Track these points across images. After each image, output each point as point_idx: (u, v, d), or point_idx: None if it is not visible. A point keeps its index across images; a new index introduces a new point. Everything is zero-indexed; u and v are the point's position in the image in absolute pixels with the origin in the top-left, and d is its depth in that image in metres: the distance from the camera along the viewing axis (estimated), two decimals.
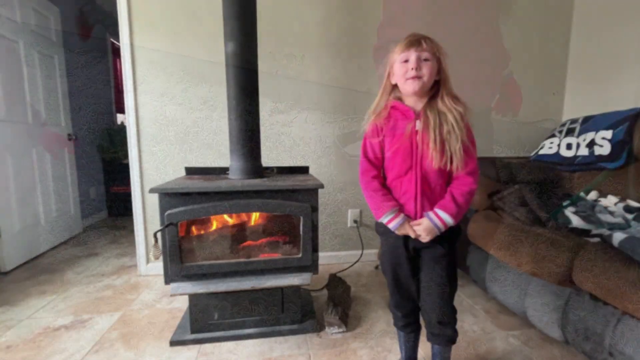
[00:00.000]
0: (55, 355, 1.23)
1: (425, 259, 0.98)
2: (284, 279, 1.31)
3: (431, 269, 0.97)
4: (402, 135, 0.92)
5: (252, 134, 1.43)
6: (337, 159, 2.07)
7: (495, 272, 1.52)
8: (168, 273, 1.24)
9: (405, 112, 0.94)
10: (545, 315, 1.24)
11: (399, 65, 0.91)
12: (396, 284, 1.03)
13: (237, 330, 1.35)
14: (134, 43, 1.80)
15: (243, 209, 1.29)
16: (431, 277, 0.98)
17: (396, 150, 0.93)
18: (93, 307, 1.59)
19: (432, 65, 0.88)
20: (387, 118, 0.95)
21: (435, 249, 0.95)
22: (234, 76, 1.37)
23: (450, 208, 0.90)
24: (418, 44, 0.88)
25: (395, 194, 0.96)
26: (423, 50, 0.88)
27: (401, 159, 0.93)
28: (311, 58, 1.96)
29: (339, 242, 2.14)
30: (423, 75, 0.88)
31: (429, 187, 0.93)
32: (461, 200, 0.90)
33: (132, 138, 1.86)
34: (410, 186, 0.93)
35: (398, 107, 0.95)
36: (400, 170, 0.93)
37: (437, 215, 0.90)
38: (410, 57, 0.88)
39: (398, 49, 0.91)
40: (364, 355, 1.25)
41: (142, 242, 1.93)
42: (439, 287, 0.97)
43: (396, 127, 0.94)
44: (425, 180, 0.92)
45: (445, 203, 0.91)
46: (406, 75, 0.89)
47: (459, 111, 0.89)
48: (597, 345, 1.05)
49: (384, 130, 0.95)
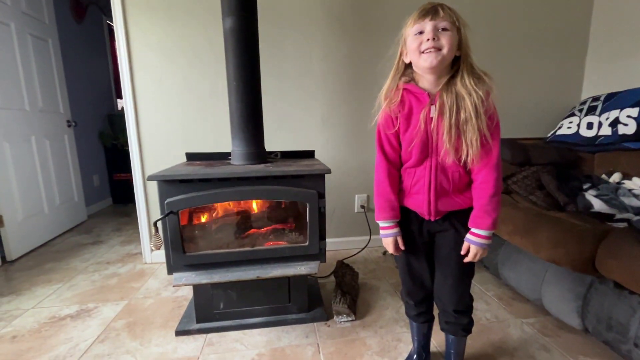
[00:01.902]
0: (61, 346, 1.22)
1: (441, 244, 0.93)
2: (290, 268, 1.26)
3: (447, 254, 0.92)
4: (417, 123, 0.82)
5: (255, 117, 1.35)
6: (344, 143, 1.99)
7: (509, 258, 1.46)
8: (170, 263, 1.20)
9: (419, 96, 0.83)
10: (564, 303, 1.19)
11: (413, 38, 0.79)
12: (409, 270, 0.98)
13: (243, 320, 1.32)
14: (128, 23, 1.71)
15: (246, 196, 1.23)
16: (448, 263, 0.92)
17: (411, 141, 0.84)
18: (99, 295, 1.57)
19: (452, 36, 0.75)
20: (401, 104, 0.85)
21: (452, 233, 0.89)
22: (233, 55, 1.28)
23: (485, 222, 0.82)
24: (435, 13, 0.76)
25: (406, 182, 0.90)
26: (440, 20, 0.75)
27: (418, 150, 0.84)
28: (315, 35, 1.84)
29: (345, 228, 2.09)
30: (442, 47, 0.75)
31: (445, 177, 0.85)
32: (491, 206, 0.81)
33: (131, 124, 1.79)
34: (423, 176, 0.86)
35: (411, 89, 0.84)
36: (417, 160, 0.86)
37: (477, 235, 0.83)
38: (425, 27, 0.76)
39: (411, 21, 0.80)
40: (374, 344, 1.22)
41: (145, 230, 1.91)
42: (456, 274, 0.92)
43: (411, 115, 0.84)
44: (442, 170, 0.84)
45: (476, 218, 0.83)
46: (421, 48, 0.77)
47: (479, 95, 0.77)
48: (621, 335, 1.00)
49: (399, 119, 0.85)
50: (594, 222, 1.21)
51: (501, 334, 1.27)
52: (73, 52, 2.84)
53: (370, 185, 2.04)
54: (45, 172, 2.30)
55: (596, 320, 1.08)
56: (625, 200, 1.30)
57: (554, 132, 1.91)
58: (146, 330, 1.30)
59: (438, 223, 0.90)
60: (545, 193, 1.49)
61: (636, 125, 1.51)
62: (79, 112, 2.85)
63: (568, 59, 2.11)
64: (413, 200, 0.89)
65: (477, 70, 0.80)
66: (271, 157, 1.53)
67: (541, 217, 1.31)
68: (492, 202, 0.82)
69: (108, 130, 3.33)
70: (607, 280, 1.06)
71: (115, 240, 2.32)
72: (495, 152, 0.81)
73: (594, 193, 1.40)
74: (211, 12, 1.72)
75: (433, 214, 0.88)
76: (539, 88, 2.11)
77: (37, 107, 2.26)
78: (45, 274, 1.80)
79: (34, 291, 1.61)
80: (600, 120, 1.69)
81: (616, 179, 1.50)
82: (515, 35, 2.02)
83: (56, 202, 2.40)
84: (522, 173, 1.64)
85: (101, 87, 3.38)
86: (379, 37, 1.89)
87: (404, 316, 1.38)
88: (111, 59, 3.55)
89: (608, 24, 1.99)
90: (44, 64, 2.33)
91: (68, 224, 2.53)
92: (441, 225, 0.90)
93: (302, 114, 1.92)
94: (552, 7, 2.03)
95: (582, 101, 1.90)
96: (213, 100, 1.83)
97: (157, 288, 1.64)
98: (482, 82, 0.79)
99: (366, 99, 1.95)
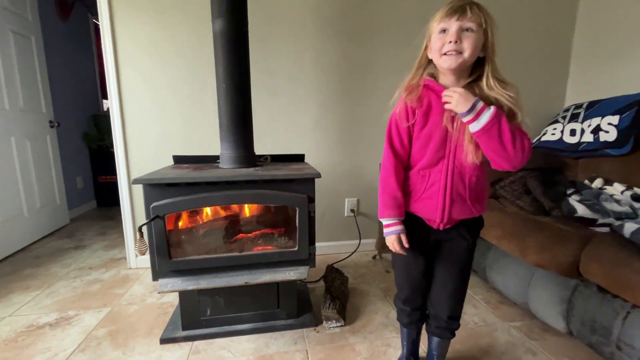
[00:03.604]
0: (39, 356, 1.16)
1: (446, 252, 0.91)
2: (279, 273, 1.24)
3: (451, 263, 0.91)
4: (436, 121, 0.79)
5: (244, 120, 1.34)
6: (334, 147, 1.98)
7: (496, 262, 1.48)
8: (156, 269, 1.16)
9: (440, 93, 0.78)
10: (549, 306, 1.21)
11: (436, 36, 0.76)
12: (408, 278, 0.96)
13: (231, 326, 1.30)
14: (115, 22, 1.67)
15: (235, 200, 1.21)
16: (450, 271, 0.91)
17: (429, 138, 0.80)
18: (80, 302, 1.52)
19: (476, 38, 0.72)
20: (420, 100, 0.81)
21: (459, 242, 0.88)
22: (223, 57, 1.26)
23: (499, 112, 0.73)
24: (462, 12, 0.71)
25: (419, 186, 0.84)
26: (467, 20, 0.72)
27: (434, 149, 0.80)
28: (307, 37, 1.84)
29: (335, 232, 2.08)
30: (464, 50, 0.73)
31: (461, 181, 0.81)
32: (510, 132, 0.72)
33: (116, 126, 1.74)
34: (439, 179, 0.81)
35: (432, 86, 0.80)
36: (432, 160, 0.81)
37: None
38: (450, 27, 0.73)
39: (438, 16, 0.75)
40: (363, 350, 1.21)
41: (131, 234, 1.85)
42: (458, 282, 0.92)
43: (430, 111, 0.80)
44: (459, 174, 0.80)
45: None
46: (442, 50, 0.74)
47: (511, 96, 0.74)
48: (604, 338, 1.02)
49: (417, 113, 0.81)
50: (578, 227, 1.24)
51: (489, 338, 1.28)
52: (57, 50, 2.77)
53: (360, 189, 2.05)
54: (26, 174, 2.22)
55: (580, 323, 1.10)
56: (607, 206, 1.34)
57: (539, 138, 1.96)
58: (129, 339, 1.26)
59: (446, 232, 0.87)
60: (531, 198, 1.52)
61: (617, 133, 1.56)
62: (62, 113, 2.77)
63: (552, 68, 2.17)
64: (423, 205, 0.85)
65: (500, 75, 0.78)
66: (260, 161, 1.51)
67: (528, 222, 1.33)
68: (514, 132, 0.73)
69: (93, 131, 3.25)
70: (591, 284, 1.08)
71: (99, 244, 2.25)
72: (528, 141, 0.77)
73: (577, 198, 1.43)
74: (200, 12, 1.70)
75: (445, 222, 0.84)
76: (524, 95, 2.10)
77: (18, 106, 2.18)
78: (24, 280, 1.73)
79: (11, 298, 1.55)
80: (583, 127, 1.73)
81: (598, 185, 1.54)
82: (500, 43, 2.06)
83: (37, 205, 2.31)
84: (509, 178, 1.67)
85: (86, 87, 3.29)
86: (369, 41, 1.90)
87: (393, 321, 1.37)
88: (97, 58, 3.47)
89: (591, 33, 2.06)
90: (26, 62, 2.25)
91: (49, 228, 2.44)
92: (449, 234, 0.88)
93: (292, 118, 1.91)
94: (537, 17, 2.08)
95: (565, 108, 1.95)
96: (202, 102, 1.80)
97: (141, 294, 1.59)
98: (507, 87, 0.76)
99: (357, 103, 1.95)
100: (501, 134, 0.72)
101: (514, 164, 0.75)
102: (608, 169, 1.59)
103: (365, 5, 1.86)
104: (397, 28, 1.90)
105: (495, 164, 0.77)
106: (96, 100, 3.48)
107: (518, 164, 0.75)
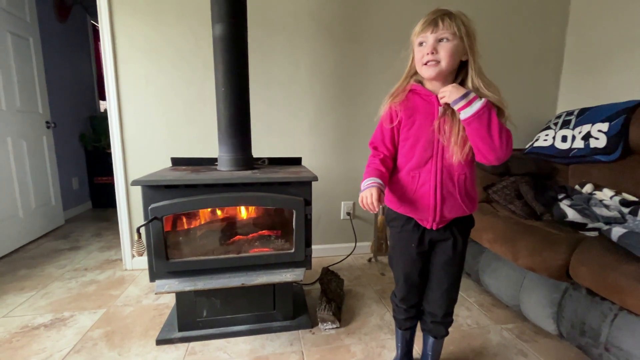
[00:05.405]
0: (33, 357, 1.16)
1: (441, 252, 0.94)
2: (275, 275, 1.26)
3: (445, 261, 0.94)
4: (423, 122, 0.84)
5: (242, 123, 1.36)
6: (331, 150, 2.01)
7: (489, 265, 1.51)
8: (153, 270, 1.17)
9: (427, 97, 0.84)
10: (540, 309, 1.23)
11: (417, 49, 0.83)
12: (406, 278, 0.99)
13: (227, 328, 1.30)
14: (114, 23, 1.68)
15: (232, 202, 1.23)
16: (445, 269, 0.94)
17: (416, 138, 0.85)
18: (75, 303, 1.51)
19: (451, 46, 0.78)
20: (405, 103, 0.86)
21: (452, 242, 0.91)
22: (222, 61, 1.28)
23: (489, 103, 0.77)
24: (435, 25, 0.78)
25: (410, 187, 0.87)
26: (441, 32, 0.77)
27: (422, 149, 0.84)
28: (304, 42, 1.87)
29: (331, 235, 2.10)
30: (441, 59, 0.78)
31: (450, 180, 0.85)
32: (498, 124, 0.76)
33: (114, 127, 1.75)
34: (429, 179, 0.85)
35: (418, 91, 0.86)
36: (420, 160, 0.85)
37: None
38: (427, 40, 0.79)
39: (416, 30, 0.82)
40: (358, 351, 1.23)
41: (127, 236, 1.85)
42: (452, 281, 0.95)
43: (415, 113, 0.85)
44: (448, 173, 0.84)
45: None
46: (422, 60, 0.81)
47: (495, 97, 0.78)
48: (593, 340, 1.05)
49: (400, 115, 0.86)
50: (568, 231, 1.27)
51: (481, 340, 1.30)
52: (55, 51, 2.76)
53: (356, 192, 2.07)
54: (21, 174, 2.21)
55: (570, 325, 1.13)
56: (596, 210, 1.37)
57: (531, 143, 1.99)
58: (125, 340, 1.27)
59: (439, 232, 0.90)
60: (523, 202, 1.55)
61: (606, 140, 1.60)
62: (59, 113, 2.77)
63: (544, 75, 2.22)
64: (415, 205, 0.88)
65: (485, 77, 0.81)
66: (258, 164, 1.53)
67: (520, 226, 1.36)
68: (498, 125, 0.77)
69: (90, 132, 3.24)
70: (580, 287, 1.11)
71: (94, 245, 2.25)
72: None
73: (568, 203, 1.47)
74: (200, 16, 1.72)
75: (438, 221, 0.87)
76: (517, 102, 2.20)
77: (15, 106, 2.18)
78: (18, 281, 1.72)
79: (5, 299, 1.54)
80: (574, 133, 1.77)
81: (588, 190, 1.58)
82: (493, 51, 2.11)
83: (32, 205, 2.31)
84: (501, 183, 1.70)
85: (83, 89, 3.29)
86: (366, 47, 1.93)
87: (388, 323, 1.39)
88: (94, 60, 3.47)
89: (582, 43, 2.11)
90: (23, 62, 2.26)
91: (44, 229, 2.43)
92: (442, 234, 0.91)
93: (289, 121, 1.93)
94: (529, 25, 2.13)
95: (557, 115, 1.99)
96: (200, 105, 1.82)
97: (137, 295, 1.59)
98: (493, 87, 0.80)
99: (353, 107, 1.98)
100: (490, 122, 0.76)
101: (499, 154, 0.78)
102: (598, 174, 1.63)
103: (361, 11, 1.90)
104: (391, 34, 1.94)
105: (481, 155, 0.80)
106: (93, 101, 3.48)
107: (503, 155, 0.78)
